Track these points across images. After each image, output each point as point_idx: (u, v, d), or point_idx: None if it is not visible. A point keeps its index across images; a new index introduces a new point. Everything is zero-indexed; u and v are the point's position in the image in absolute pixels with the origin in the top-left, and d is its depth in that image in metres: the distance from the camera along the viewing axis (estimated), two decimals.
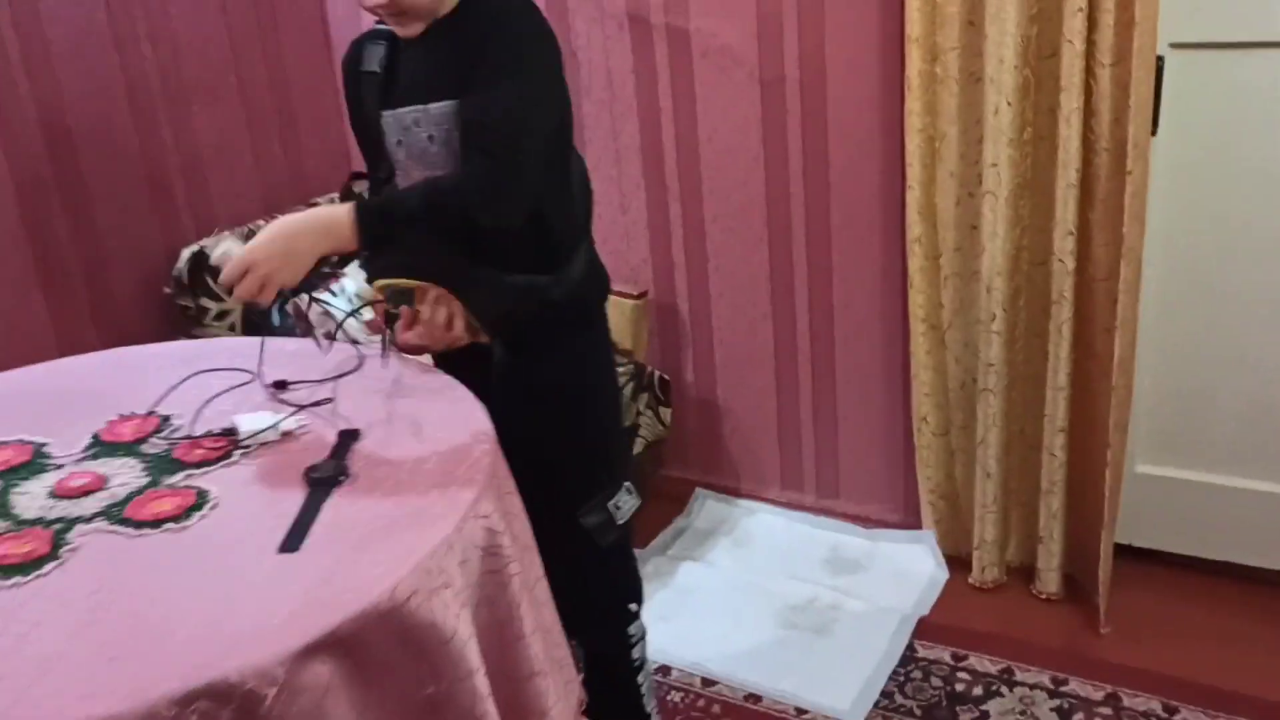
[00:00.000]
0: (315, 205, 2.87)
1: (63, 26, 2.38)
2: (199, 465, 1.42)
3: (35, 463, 1.44)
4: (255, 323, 2.64)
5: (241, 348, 1.77)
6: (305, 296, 2.65)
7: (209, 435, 1.48)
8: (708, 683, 2.35)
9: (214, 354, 1.76)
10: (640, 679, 1.91)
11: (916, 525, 2.71)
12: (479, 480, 1.36)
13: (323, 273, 2.73)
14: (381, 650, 1.18)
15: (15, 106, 2.32)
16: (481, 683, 1.27)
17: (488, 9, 1.59)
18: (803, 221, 2.65)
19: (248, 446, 1.45)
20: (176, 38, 2.61)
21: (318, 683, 1.12)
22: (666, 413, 2.81)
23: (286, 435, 1.49)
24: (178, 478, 1.39)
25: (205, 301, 2.61)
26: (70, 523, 1.30)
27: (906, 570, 2.66)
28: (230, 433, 1.47)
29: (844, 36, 2.45)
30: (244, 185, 2.81)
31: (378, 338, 2.52)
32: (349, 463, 1.41)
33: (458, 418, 1.51)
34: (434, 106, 1.60)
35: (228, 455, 1.44)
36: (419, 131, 1.63)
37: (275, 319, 2.64)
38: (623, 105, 2.73)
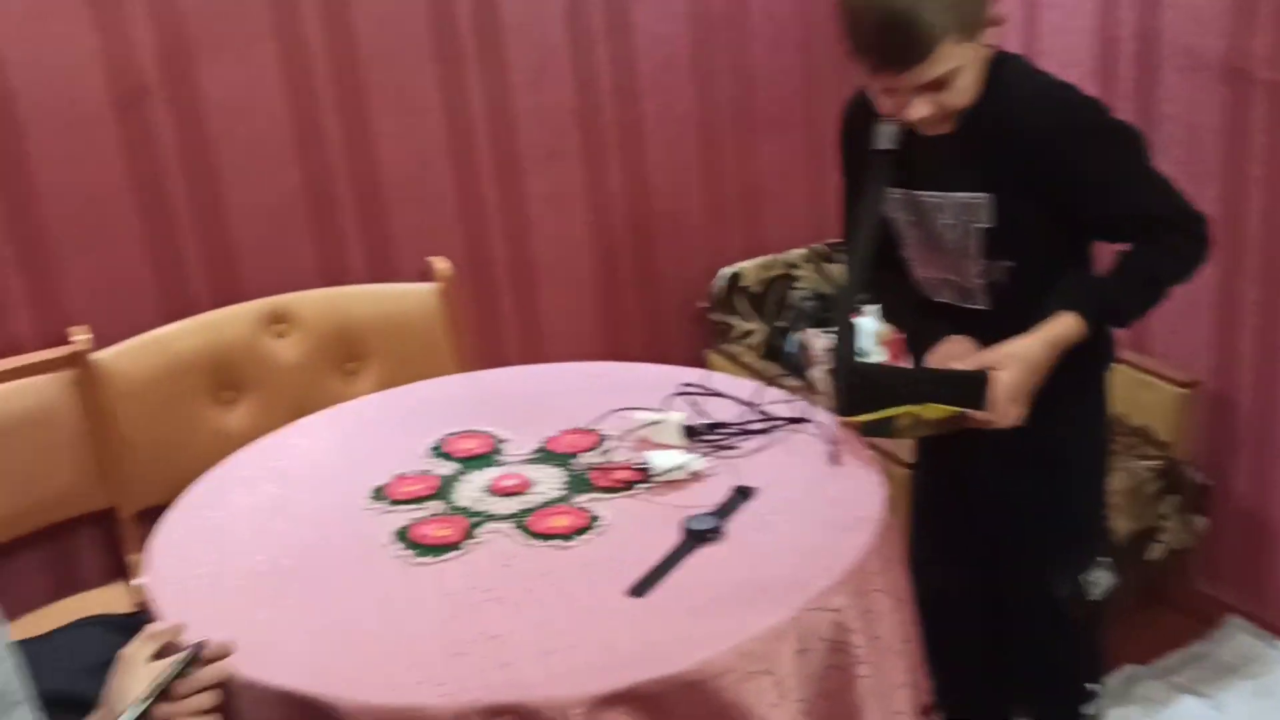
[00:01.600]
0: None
1: (647, 63, 2.65)
2: (605, 490, 1.54)
3: (489, 457, 1.65)
4: (775, 348, 2.76)
5: (723, 383, 1.82)
6: (813, 329, 2.72)
7: (628, 464, 1.59)
8: None
9: (700, 383, 1.80)
10: None
11: None
12: (838, 572, 1.32)
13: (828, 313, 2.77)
14: (685, 718, 1.20)
15: (601, 134, 2.64)
16: None
17: (1018, 98, 1.54)
18: None
19: (652, 483, 1.54)
20: (754, 71, 2.78)
21: None
22: (1199, 521, 2.45)
23: (694, 476, 1.56)
24: (584, 498, 1.52)
25: (734, 320, 2.77)
26: (486, 518, 1.48)
27: None
28: (642, 468, 1.56)
29: None
30: (795, 214, 2.92)
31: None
32: (729, 520, 1.44)
33: (853, 501, 1.47)
34: (958, 195, 1.58)
35: (630, 486, 1.54)
36: (939, 217, 1.61)
37: (789, 347, 2.73)
38: (1203, 169, 2.40)
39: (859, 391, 1.58)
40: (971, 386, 1.51)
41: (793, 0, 2.78)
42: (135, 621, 1.34)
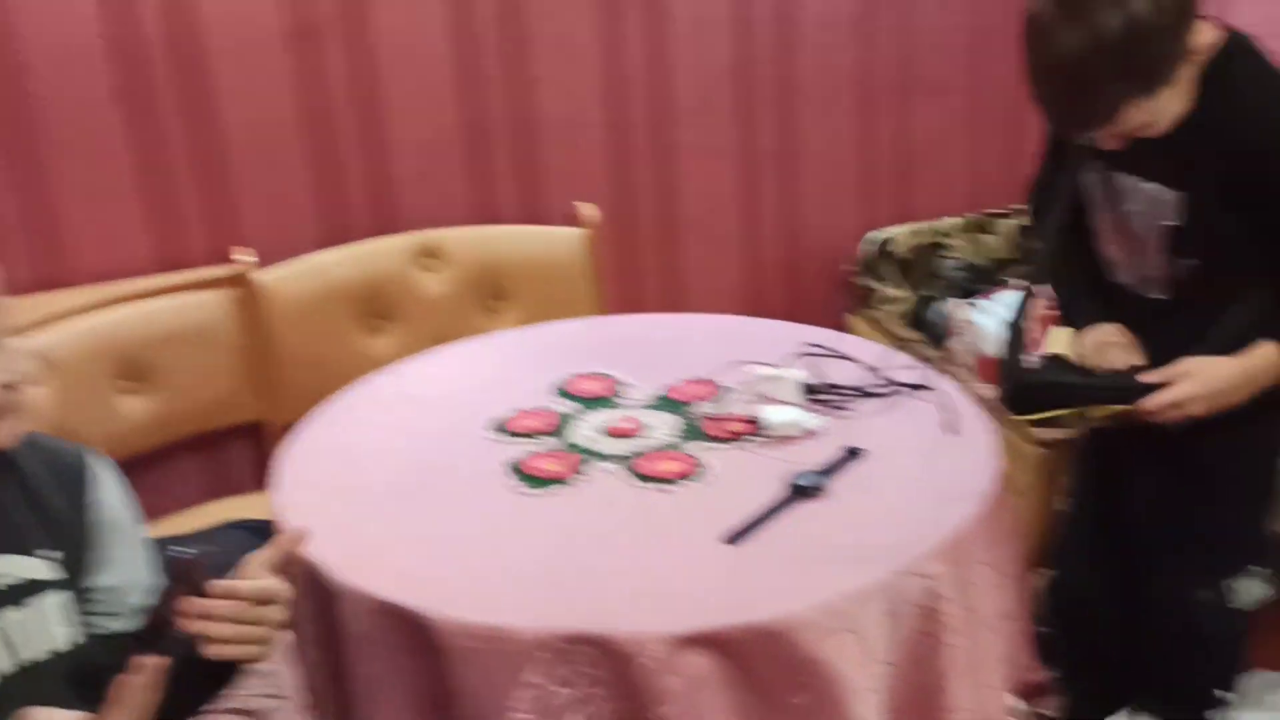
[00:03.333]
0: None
1: (808, 18, 2.61)
2: (716, 440, 1.56)
3: (610, 400, 1.69)
4: (919, 317, 2.71)
5: (848, 344, 1.81)
6: (958, 299, 2.65)
7: (743, 416, 1.60)
8: None
9: (827, 343, 1.79)
10: None
11: None
12: (936, 540, 1.31)
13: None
14: (767, 669, 1.22)
15: (756, 90, 2.63)
16: None
17: (1239, 105, 1.45)
18: None
19: (764, 437, 1.55)
20: (918, 31, 2.71)
21: (694, 672, 1.20)
22: None
23: (807, 433, 1.56)
24: (695, 446, 1.55)
25: (880, 286, 2.73)
26: (598, 457, 1.53)
27: None
28: (756, 421, 1.58)
29: None
30: (951, 182, 2.85)
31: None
32: (834, 479, 1.44)
33: (965, 471, 1.46)
34: (1150, 187, 1.53)
35: (742, 439, 1.55)
36: (1127, 203, 1.56)
37: (933, 316, 2.68)
38: None
39: (1027, 395, 1.57)
40: (1139, 392, 1.49)
41: None
42: (272, 528, 1.43)
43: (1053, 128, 1.46)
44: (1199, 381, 1.48)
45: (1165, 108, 1.42)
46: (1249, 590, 1.69)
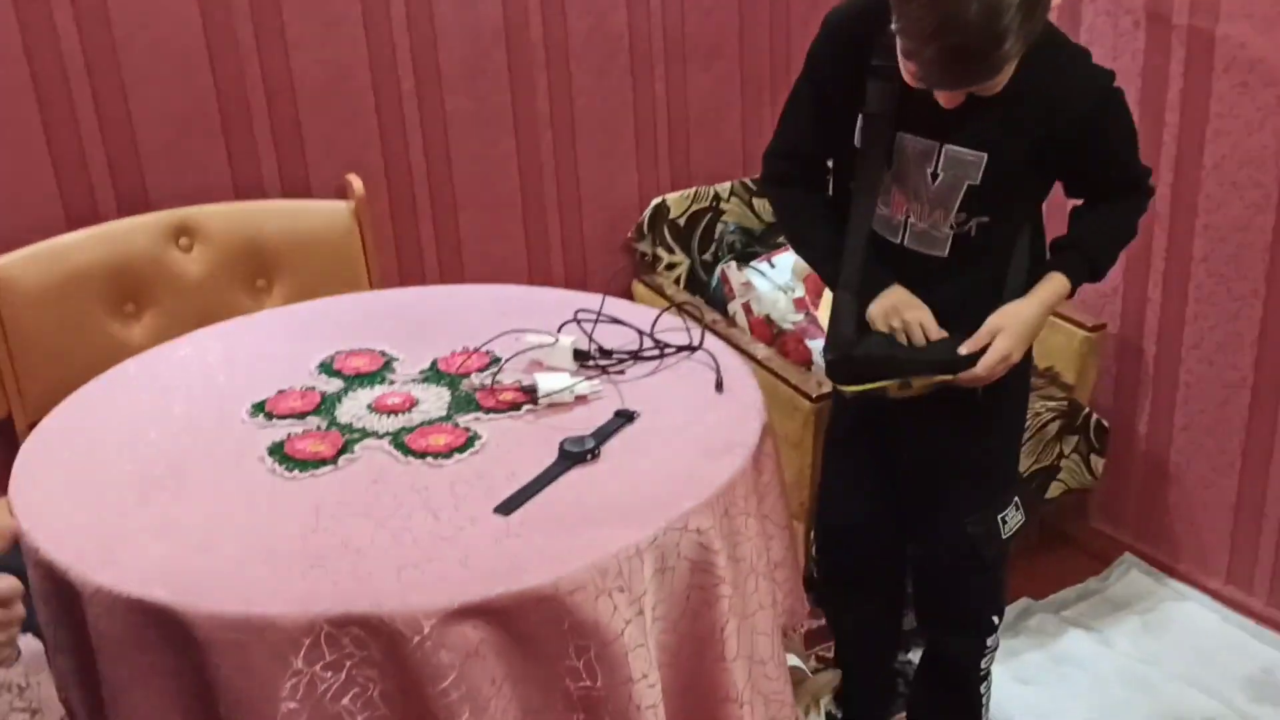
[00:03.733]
0: None
1: None
2: (489, 411, 1.54)
3: (378, 374, 1.65)
4: (699, 281, 2.76)
5: (622, 309, 1.80)
6: (735, 263, 2.72)
7: (515, 385, 1.59)
8: None
9: (602, 310, 1.77)
10: (983, 689, 1.93)
11: None
12: (705, 494, 1.33)
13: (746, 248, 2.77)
14: (539, 633, 1.22)
15: (529, 53, 2.60)
16: (646, 692, 1.26)
17: (1048, 68, 1.50)
18: None
19: (536, 405, 1.54)
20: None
21: (464, 644, 1.19)
22: (1098, 462, 2.50)
23: (580, 399, 1.56)
24: (468, 418, 1.52)
25: (660, 251, 2.76)
26: (365, 435, 1.49)
27: None
28: (531, 390, 1.57)
29: None
30: (726, 146, 2.91)
31: (800, 316, 2.52)
32: (606, 443, 1.45)
33: (730, 428, 1.48)
34: (951, 149, 1.56)
35: (517, 408, 1.54)
36: (923, 165, 1.59)
37: (712, 280, 2.73)
38: None
39: (853, 367, 1.62)
40: (963, 362, 1.58)
41: None
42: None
43: (926, 84, 1.42)
44: (1012, 332, 1.58)
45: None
46: (1014, 519, 1.79)
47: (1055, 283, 1.63)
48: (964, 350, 1.59)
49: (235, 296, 2.21)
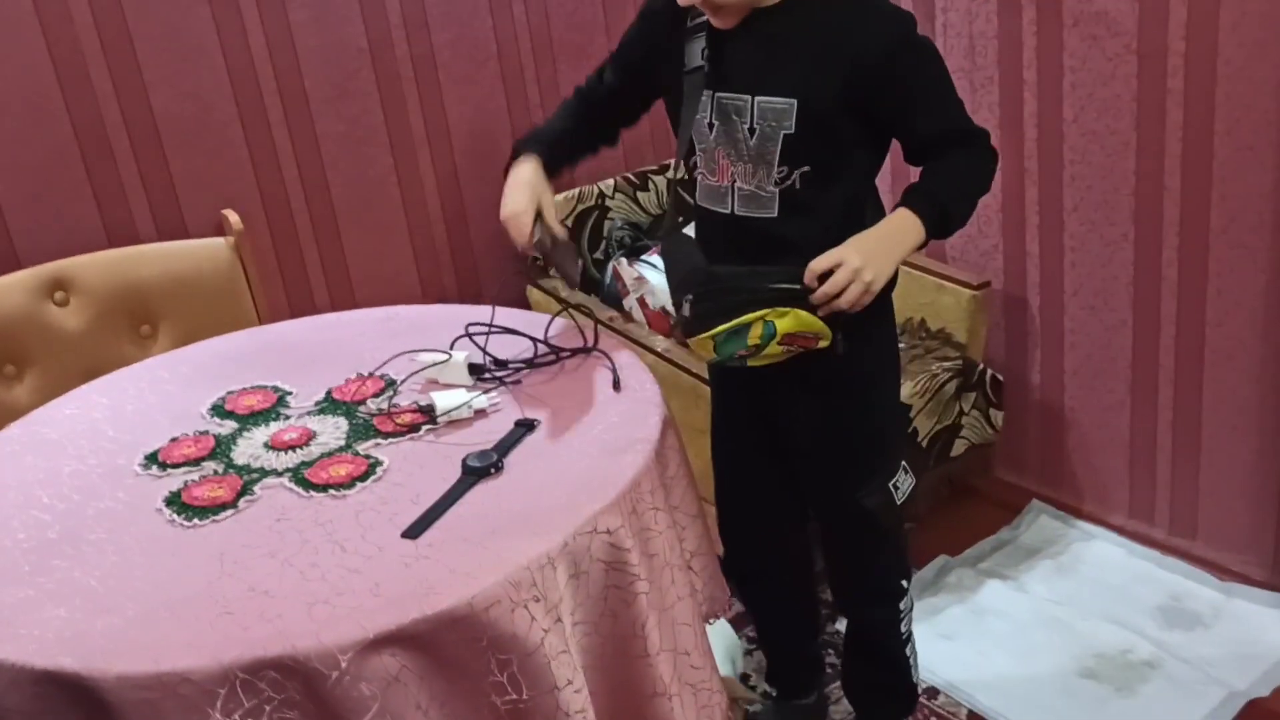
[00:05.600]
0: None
1: None
2: (388, 435, 1.53)
3: (273, 410, 1.62)
4: (593, 280, 2.77)
5: (515, 318, 1.79)
6: (625, 259, 2.73)
7: (412, 407, 1.58)
8: (974, 718, 2.16)
9: (491, 321, 1.75)
10: (908, 651, 1.95)
11: None
12: (611, 494, 1.34)
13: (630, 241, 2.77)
14: (459, 653, 1.21)
15: (396, 69, 2.57)
16: (573, 698, 1.26)
17: (839, 9, 1.56)
18: (1176, 220, 2.27)
19: (435, 424, 1.54)
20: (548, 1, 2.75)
21: (384, 673, 1.18)
22: (997, 415, 2.57)
23: (479, 413, 1.56)
24: (367, 445, 1.51)
25: None
26: (264, 474, 1.46)
27: (1256, 639, 2.25)
28: (428, 410, 1.56)
29: (1244, 3, 2.04)
30: None
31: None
32: (508, 455, 1.45)
33: (630, 425, 1.49)
34: (762, 100, 1.58)
35: (416, 429, 1.53)
36: (738, 120, 1.60)
37: (605, 278, 2.72)
38: (983, 75, 2.48)
39: (707, 301, 1.55)
40: (808, 290, 1.52)
41: None
42: None
43: None
44: (855, 246, 1.52)
45: None
46: (905, 484, 1.80)
47: (900, 215, 1.58)
48: (812, 268, 1.52)
49: (119, 347, 2.16)
